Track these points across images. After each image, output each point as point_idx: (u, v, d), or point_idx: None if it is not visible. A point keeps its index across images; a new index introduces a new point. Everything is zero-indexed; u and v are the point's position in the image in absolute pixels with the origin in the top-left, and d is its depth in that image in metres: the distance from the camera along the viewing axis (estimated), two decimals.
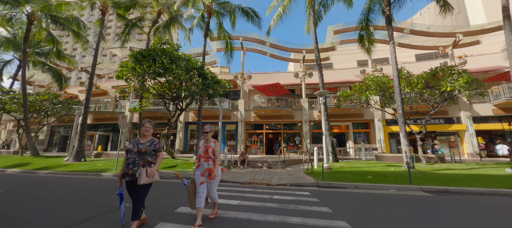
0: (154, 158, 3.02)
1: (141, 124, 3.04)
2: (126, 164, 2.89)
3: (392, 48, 9.02)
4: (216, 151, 3.39)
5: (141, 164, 2.85)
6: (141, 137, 3.09)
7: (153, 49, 8.82)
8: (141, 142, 2.98)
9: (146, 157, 2.91)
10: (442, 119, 16.37)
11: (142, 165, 2.84)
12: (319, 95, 9.68)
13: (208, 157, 3.33)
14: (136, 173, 2.77)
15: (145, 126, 3.07)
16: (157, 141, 3.08)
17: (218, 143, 3.39)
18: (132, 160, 2.86)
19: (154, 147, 2.99)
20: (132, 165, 2.84)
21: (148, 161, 2.92)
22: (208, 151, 3.34)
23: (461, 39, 17.50)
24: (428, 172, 8.22)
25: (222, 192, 5.76)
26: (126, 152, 2.94)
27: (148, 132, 3.07)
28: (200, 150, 3.42)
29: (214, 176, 3.27)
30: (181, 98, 11.03)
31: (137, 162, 2.84)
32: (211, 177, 3.26)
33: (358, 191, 6.09)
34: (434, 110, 10.61)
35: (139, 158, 2.88)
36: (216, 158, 3.38)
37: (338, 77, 19.62)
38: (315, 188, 6.55)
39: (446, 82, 8.93)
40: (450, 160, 11.42)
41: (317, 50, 11.53)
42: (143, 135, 3.07)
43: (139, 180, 2.71)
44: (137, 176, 2.75)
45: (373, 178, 7.28)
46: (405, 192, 5.89)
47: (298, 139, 18.28)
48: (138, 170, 2.78)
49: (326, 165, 8.90)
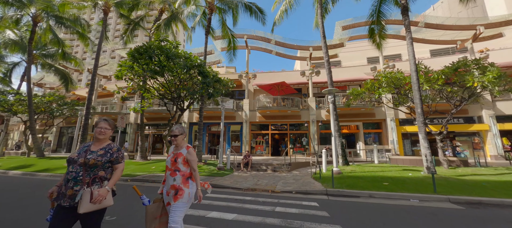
0: (110, 172, 2.11)
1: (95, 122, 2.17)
2: (64, 181, 1.97)
3: (409, 41, 8.16)
4: (190, 160, 2.39)
5: (86, 181, 1.93)
6: (94, 141, 2.17)
7: (149, 46, 8.36)
8: (91, 149, 2.07)
9: (96, 171, 2.01)
10: (462, 118, 15.17)
11: (88, 183, 1.93)
12: (327, 93, 8.94)
13: (175, 170, 2.35)
14: (78, 196, 1.85)
15: (99, 126, 2.13)
16: (116, 148, 2.17)
17: (192, 150, 2.48)
18: (73, 175, 1.93)
19: (110, 156, 2.07)
20: (73, 183, 1.91)
21: (100, 176, 2.02)
22: (177, 160, 2.38)
23: (482, 32, 16.18)
24: (453, 178, 7.32)
25: (219, 201, 5.17)
26: (68, 162, 2.01)
27: (103, 134, 2.13)
28: (168, 159, 2.47)
29: (181, 197, 2.25)
30: (181, 98, 10.56)
31: (81, 178, 1.93)
32: (176, 198, 2.24)
33: (374, 201, 5.33)
34: (456, 109, 9.61)
35: (85, 173, 1.96)
36: (193, 170, 2.41)
37: (347, 75, 18.68)
38: (324, 196, 5.84)
39: (472, 77, 7.97)
40: (474, 163, 10.35)
41: (324, 45, 10.76)
42: (96, 139, 2.14)
43: (79, 207, 1.81)
44: (77, 200, 1.84)
45: (390, 185, 6.48)
46: (430, 203, 5.08)
47: (305, 139, 17.50)
48: (81, 190, 1.87)
49: (336, 169, 8.14)
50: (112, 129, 2.25)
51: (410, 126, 15.70)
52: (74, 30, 16.39)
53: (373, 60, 24.01)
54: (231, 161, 11.60)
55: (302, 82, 18.72)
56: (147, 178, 8.19)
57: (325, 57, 10.65)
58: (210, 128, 19.21)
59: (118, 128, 9.72)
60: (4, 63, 20.12)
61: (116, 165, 2.13)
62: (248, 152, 10.93)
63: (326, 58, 10.62)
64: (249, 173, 9.94)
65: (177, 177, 2.33)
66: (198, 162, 11.05)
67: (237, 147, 18.07)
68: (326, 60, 10.64)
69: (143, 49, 8.27)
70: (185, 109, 11.54)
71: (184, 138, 2.54)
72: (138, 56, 8.46)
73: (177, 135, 2.46)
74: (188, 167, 2.42)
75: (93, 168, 2.00)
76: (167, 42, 9.12)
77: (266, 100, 18.44)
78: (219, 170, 9.75)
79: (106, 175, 2.08)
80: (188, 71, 9.13)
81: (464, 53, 18.24)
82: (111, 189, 2.03)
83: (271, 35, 19.89)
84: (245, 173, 9.90)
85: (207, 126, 19.02)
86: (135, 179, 8.23)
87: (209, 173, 9.08)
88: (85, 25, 16.76)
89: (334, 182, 6.53)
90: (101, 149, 2.09)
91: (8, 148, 24.37)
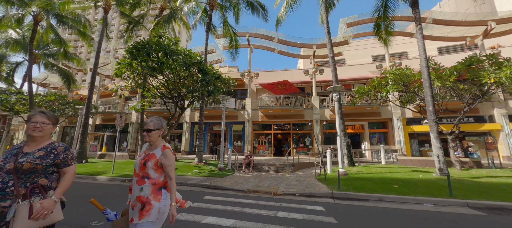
0: (56, 179, 1.63)
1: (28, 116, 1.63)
2: None
3: (420, 35, 7.70)
4: (165, 165, 1.79)
5: (22, 192, 1.44)
6: (28, 141, 1.64)
7: (147, 42, 8.08)
8: (24, 151, 1.56)
9: (34, 178, 1.52)
10: (472, 117, 14.58)
11: (24, 195, 1.43)
12: (332, 91, 8.54)
13: (143, 176, 1.76)
14: (9, 213, 1.37)
15: (33, 120, 1.59)
16: (62, 147, 1.68)
17: (170, 151, 1.85)
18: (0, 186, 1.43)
19: (54, 158, 1.60)
20: (1, 197, 1.41)
21: (41, 185, 1.52)
22: (146, 164, 1.77)
23: (493, 27, 15.55)
24: (467, 180, 6.86)
25: (217, 204, 4.83)
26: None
27: (40, 131, 1.59)
28: (137, 161, 1.87)
29: (148, 214, 1.64)
30: (181, 96, 10.26)
31: (12, 189, 1.43)
32: (142, 214, 1.63)
33: (385, 205, 4.94)
34: (469, 107, 9.10)
35: (17, 182, 1.45)
36: (169, 178, 1.79)
37: (351, 74, 18.20)
38: (330, 199, 5.46)
39: (488, 73, 7.48)
40: (488, 164, 9.82)
41: (329, 41, 10.34)
42: (30, 137, 1.61)
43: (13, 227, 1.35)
44: (10, 219, 1.37)
45: (401, 187, 6.06)
46: (447, 208, 4.67)
47: (309, 139, 17.09)
48: (14, 206, 1.39)
49: (342, 170, 7.74)
50: (54, 123, 1.71)
51: (418, 125, 15.17)
52: (75, 29, 16.30)
53: (378, 58, 23.46)
54: (232, 161, 11.27)
55: (305, 81, 18.31)
56: None
57: (330, 53, 10.24)
58: (212, 127, 18.94)
59: (117, 127, 9.46)
60: (7, 63, 20.17)
61: (65, 168, 1.65)
62: (250, 152, 10.59)
63: (331, 54, 10.21)
64: (250, 173, 9.60)
65: (146, 187, 1.71)
66: (199, 162, 10.73)
67: (239, 146, 17.76)
68: (330, 56, 10.22)
69: (140, 46, 7.99)
70: (185, 108, 11.26)
71: (161, 135, 1.93)
72: (136, 53, 8.19)
73: (152, 130, 1.85)
74: (161, 173, 1.80)
75: (29, 174, 1.50)
76: (166, 39, 8.83)
77: (269, 99, 18.09)
78: (220, 171, 9.43)
79: (50, 183, 1.58)
80: (187, 68, 8.82)
81: (474, 50, 17.61)
82: (59, 199, 1.56)
83: (274, 33, 19.53)
84: (247, 173, 9.56)
85: (209, 126, 18.76)
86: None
87: (209, 174, 8.76)
88: (86, 24, 16.65)
89: (340, 184, 6.14)
90: (40, 150, 1.59)
91: None
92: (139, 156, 1.91)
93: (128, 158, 14.30)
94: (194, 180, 7.56)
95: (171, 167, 1.81)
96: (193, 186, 7.03)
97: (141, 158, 1.85)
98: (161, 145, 1.89)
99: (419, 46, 7.74)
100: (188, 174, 8.83)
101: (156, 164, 1.79)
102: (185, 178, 7.96)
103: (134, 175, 1.84)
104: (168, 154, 1.82)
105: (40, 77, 27.70)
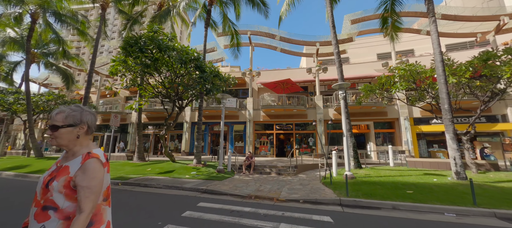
0: None
1: None
2: None
3: (434, 27, 7.12)
4: (80, 187, 1.04)
5: None
6: None
7: (139, 37, 7.62)
8: None
9: None
10: (483, 117, 13.88)
11: None
12: (338, 88, 8.00)
13: (45, 206, 1.04)
14: None
15: None
16: None
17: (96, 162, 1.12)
18: None
19: None
20: None
21: None
22: (48, 186, 1.05)
23: (506, 22, 14.82)
24: (488, 185, 6.26)
25: (212, 213, 4.34)
26: None
27: None
28: (40, 180, 1.12)
29: None
30: (178, 95, 9.81)
31: None
32: None
33: (400, 215, 4.39)
34: (485, 105, 8.47)
35: None
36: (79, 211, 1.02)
37: (356, 72, 17.60)
38: (338, 207, 4.93)
39: (509, 68, 6.88)
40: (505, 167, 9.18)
41: (334, 36, 9.79)
42: None
43: None
44: None
45: (415, 193, 5.50)
46: (472, 219, 4.11)
47: (312, 140, 16.53)
48: None
49: (349, 173, 7.19)
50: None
51: (426, 125, 14.52)
52: (74, 27, 16.02)
53: (383, 56, 22.78)
54: (233, 162, 10.79)
55: (309, 80, 17.77)
56: (139, 182, 7.47)
57: (335, 49, 9.69)
58: (212, 127, 18.48)
59: (112, 127, 9.06)
60: (7, 62, 19.99)
61: None
62: (251, 153, 10.08)
63: (336, 50, 9.65)
64: (251, 176, 9.09)
65: (50, 224, 1.01)
66: (197, 163, 10.24)
67: (240, 147, 17.27)
68: (336, 52, 9.67)
69: (133, 41, 7.54)
70: (184, 108, 10.81)
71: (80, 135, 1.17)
72: (129, 49, 7.75)
73: (58, 127, 1.12)
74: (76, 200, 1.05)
75: None
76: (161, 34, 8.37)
77: (271, 98, 17.56)
78: (219, 173, 8.95)
79: None
80: (184, 65, 8.35)
81: (485, 47, 16.85)
82: None
83: (276, 31, 19.01)
84: (247, 176, 9.06)
85: (210, 126, 18.31)
86: (127, 182, 7.52)
87: (207, 176, 8.28)
88: (84, 21, 16.34)
89: (348, 189, 5.61)
90: None
91: (16, 147, 24.33)
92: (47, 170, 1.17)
93: (125, 159, 13.91)
94: (190, 184, 7.09)
95: (87, 192, 1.03)
96: (189, 190, 6.55)
97: (46, 175, 1.11)
98: (84, 152, 1.15)
99: (433, 39, 7.15)
100: (185, 176, 8.36)
101: (67, 184, 1.04)
102: (181, 181, 7.49)
103: (33, 204, 1.09)
104: (90, 168, 1.08)
105: (41, 77, 27.55)
